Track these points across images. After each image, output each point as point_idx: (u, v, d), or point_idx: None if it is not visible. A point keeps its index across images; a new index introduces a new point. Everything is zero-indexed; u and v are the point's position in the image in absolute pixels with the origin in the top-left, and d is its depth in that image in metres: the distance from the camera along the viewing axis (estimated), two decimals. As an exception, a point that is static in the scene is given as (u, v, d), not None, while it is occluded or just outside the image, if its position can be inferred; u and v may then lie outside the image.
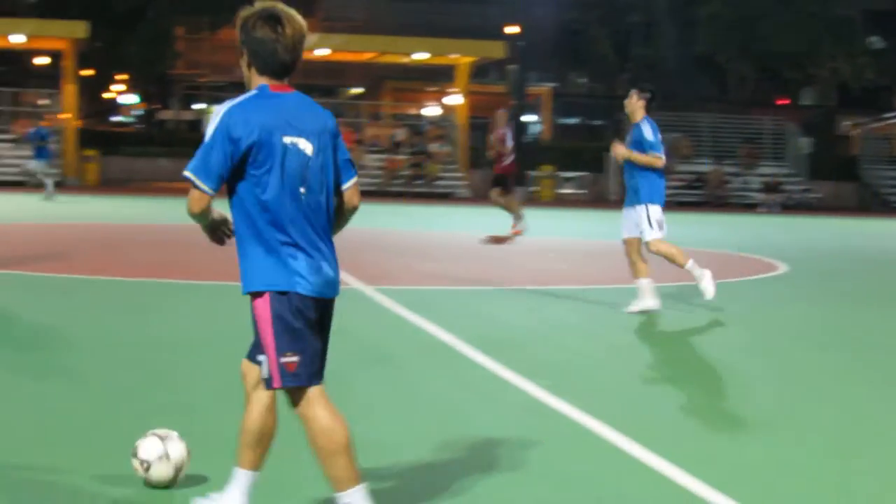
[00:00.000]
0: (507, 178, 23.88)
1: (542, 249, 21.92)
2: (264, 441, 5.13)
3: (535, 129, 62.82)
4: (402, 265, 17.70)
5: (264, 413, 5.09)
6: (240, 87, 5.10)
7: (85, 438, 6.79)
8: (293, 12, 5.00)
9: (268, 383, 4.99)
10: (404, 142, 47.26)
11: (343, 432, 5.02)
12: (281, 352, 4.91)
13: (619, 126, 52.52)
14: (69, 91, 43.97)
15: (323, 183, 5.04)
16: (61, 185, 39.95)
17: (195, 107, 69.59)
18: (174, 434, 5.85)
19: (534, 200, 43.65)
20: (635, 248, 12.64)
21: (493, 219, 25.35)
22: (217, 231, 5.17)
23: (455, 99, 48.91)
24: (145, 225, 25.13)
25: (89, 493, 5.67)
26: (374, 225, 24.27)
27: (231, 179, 4.97)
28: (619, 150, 12.65)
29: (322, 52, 46.99)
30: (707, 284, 12.67)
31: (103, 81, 59.99)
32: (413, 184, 44.97)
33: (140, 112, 69.46)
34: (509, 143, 23.53)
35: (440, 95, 56.42)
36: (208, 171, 4.89)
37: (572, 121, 69.34)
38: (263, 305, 4.92)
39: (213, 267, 15.56)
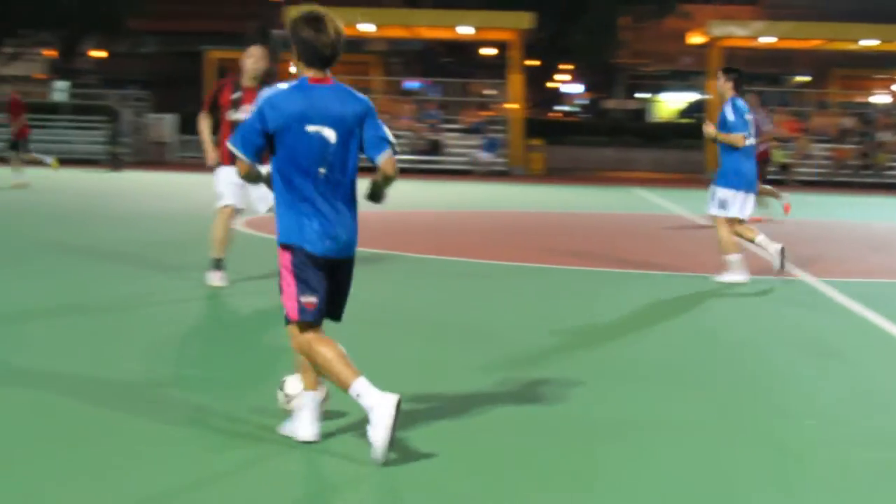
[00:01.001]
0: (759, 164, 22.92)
1: None
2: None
3: None
4: (851, 257, 17.05)
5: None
6: (684, 76, 5.03)
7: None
8: (332, 14, 6.06)
9: (287, 319, 6.10)
10: (852, 130, 45.68)
11: (331, 352, 6.01)
12: (301, 293, 6.01)
13: None
14: (515, 81, 44.78)
15: (344, 163, 6.09)
16: (508, 175, 40.83)
17: (639, 96, 69.79)
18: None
19: None
20: (733, 226, 13.37)
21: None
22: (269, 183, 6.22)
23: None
24: (586, 213, 25.23)
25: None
26: (822, 216, 23.59)
27: (270, 152, 6.10)
28: (709, 130, 13.53)
29: (768, 40, 46.07)
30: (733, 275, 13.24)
31: (547, 71, 60.93)
32: (861, 174, 43.41)
33: (584, 101, 70.22)
34: (766, 128, 22.38)
35: (890, 83, 54.33)
36: (245, 143, 6.07)
37: None
38: (283, 255, 6.06)
39: (656, 256, 15.41)
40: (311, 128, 5.95)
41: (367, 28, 46.13)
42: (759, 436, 6.70)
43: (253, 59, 11.93)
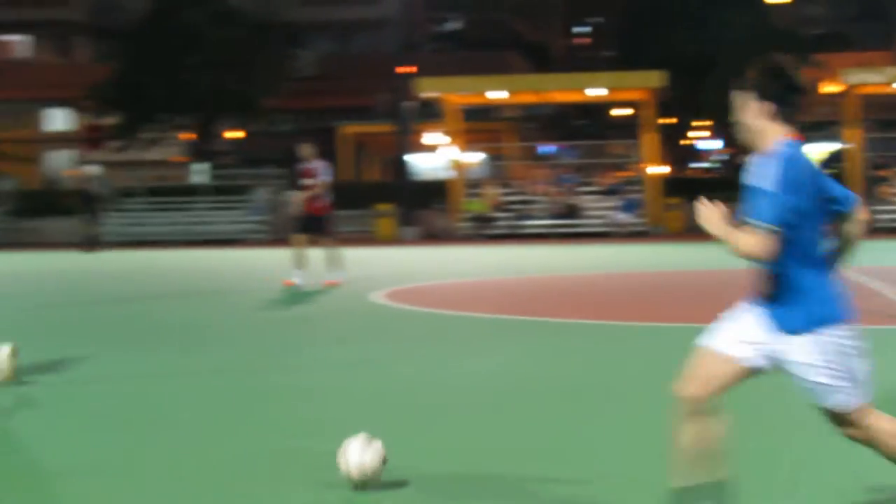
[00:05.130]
0: None
1: None
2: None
3: None
4: None
5: None
6: (819, 127, 4.87)
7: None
8: None
9: None
10: None
11: None
12: None
13: None
14: (650, 140, 44.57)
15: None
16: (647, 235, 40.52)
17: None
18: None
19: None
20: None
21: None
22: None
23: None
24: (727, 271, 24.74)
25: None
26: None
27: None
28: None
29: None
30: None
31: (682, 129, 60.58)
32: None
33: (724, 157, 69.63)
34: None
35: None
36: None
37: None
38: None
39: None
40: None
41: (498, 95, 46.35)
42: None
43: None
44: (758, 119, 5.38)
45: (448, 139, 46.32)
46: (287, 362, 11.97)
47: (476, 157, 50.49)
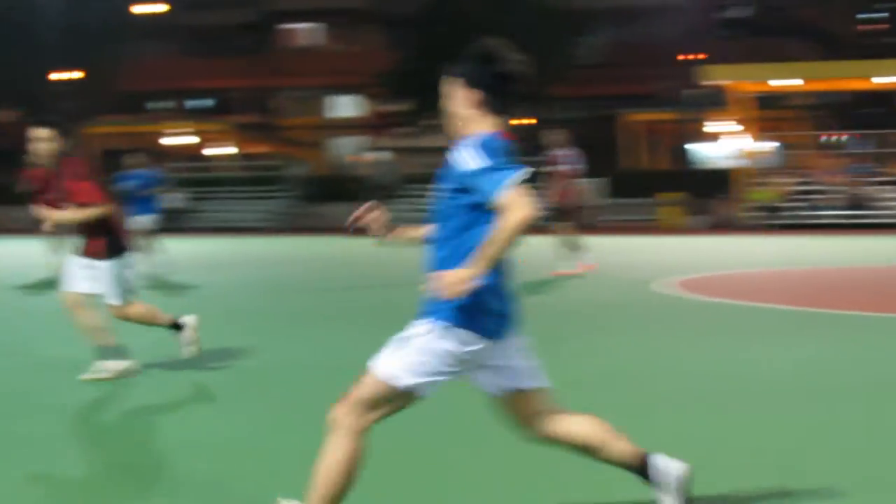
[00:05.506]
0: None
1: None
2: None
3: None
4: None
5: None
6: None
7: None
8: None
9: None
10: None
11: None
12: None
13: None
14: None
15: None
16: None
17: None
18: None
19: None
20: None
21: None
22: None
23: None
24: None
25: None
26: None
27: None
28: None
29: None
30: None
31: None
32: None
33: None
34: None
35: None
36: None
37: None
38: None
39: None
40: None
41: (788, 83, 45.23)
42: None
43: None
44: (465, 108, 4.93)
45: (736, 127, 45.34)
46: (560, 350, 11.66)
47: (765, 146, 49.22)
